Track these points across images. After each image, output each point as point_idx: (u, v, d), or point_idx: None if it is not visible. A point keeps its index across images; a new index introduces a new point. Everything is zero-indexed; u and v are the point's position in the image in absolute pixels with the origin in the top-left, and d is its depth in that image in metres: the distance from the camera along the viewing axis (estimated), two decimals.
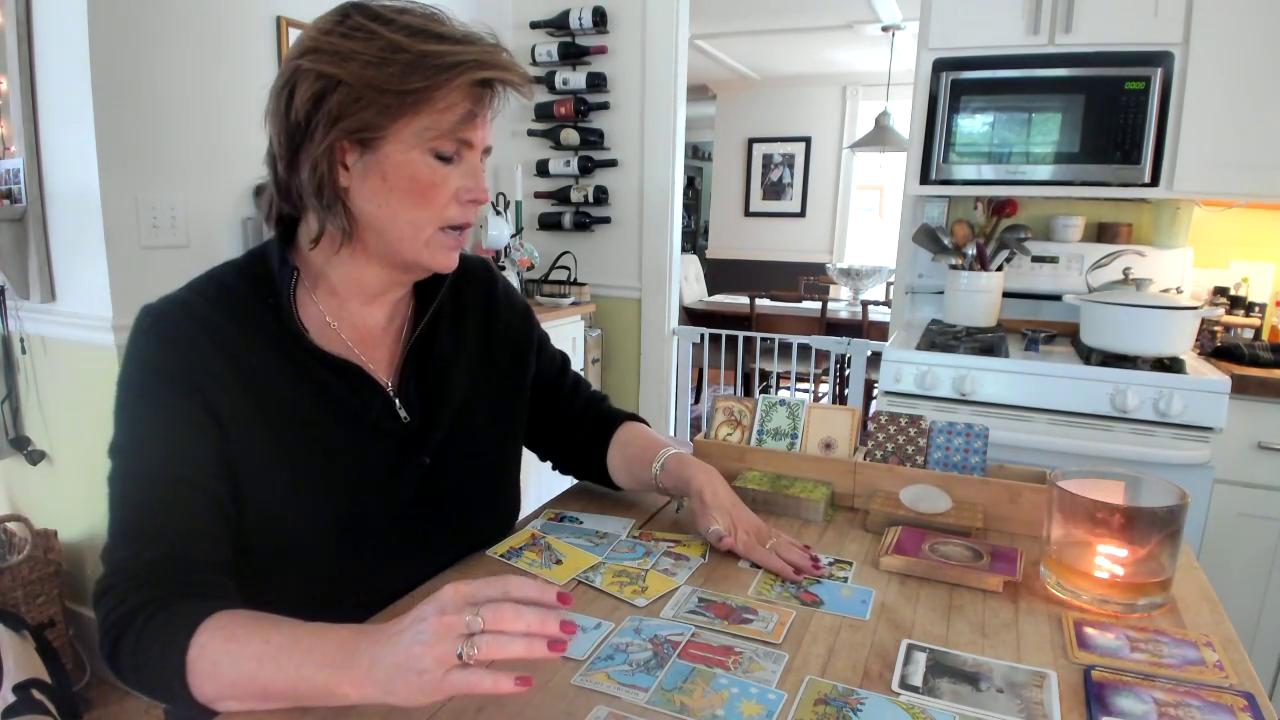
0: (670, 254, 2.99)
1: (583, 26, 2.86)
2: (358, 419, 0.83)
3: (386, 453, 0.85)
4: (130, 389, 0.75)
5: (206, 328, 0.76)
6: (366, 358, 0.86)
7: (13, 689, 1.59)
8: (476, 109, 0.77)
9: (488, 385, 0.97)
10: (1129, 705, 0.65)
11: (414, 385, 0.89)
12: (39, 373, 1.97)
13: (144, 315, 0.77)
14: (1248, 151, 1.88)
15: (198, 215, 1.91)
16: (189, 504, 0.72)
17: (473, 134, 0.78)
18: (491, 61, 0.77)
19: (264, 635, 0.62)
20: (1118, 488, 0.89)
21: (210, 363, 0.75)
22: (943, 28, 2.08)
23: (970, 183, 2.13)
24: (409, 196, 0.78)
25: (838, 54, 5.32)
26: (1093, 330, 1.91)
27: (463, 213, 0.81)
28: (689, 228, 8.38)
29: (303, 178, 0.77)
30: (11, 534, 1.91)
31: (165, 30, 1.79)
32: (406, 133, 0.75)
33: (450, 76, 0.74)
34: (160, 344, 0.75)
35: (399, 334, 0.91)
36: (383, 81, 0.73)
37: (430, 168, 0.77)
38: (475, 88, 0.77)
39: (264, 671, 0.60)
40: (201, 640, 0.63)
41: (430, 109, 0.75)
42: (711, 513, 0.93)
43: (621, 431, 1.08)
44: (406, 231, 0.79)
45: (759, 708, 0.64)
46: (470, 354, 0.96)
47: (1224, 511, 1.81)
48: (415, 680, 0.54)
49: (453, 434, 0.91)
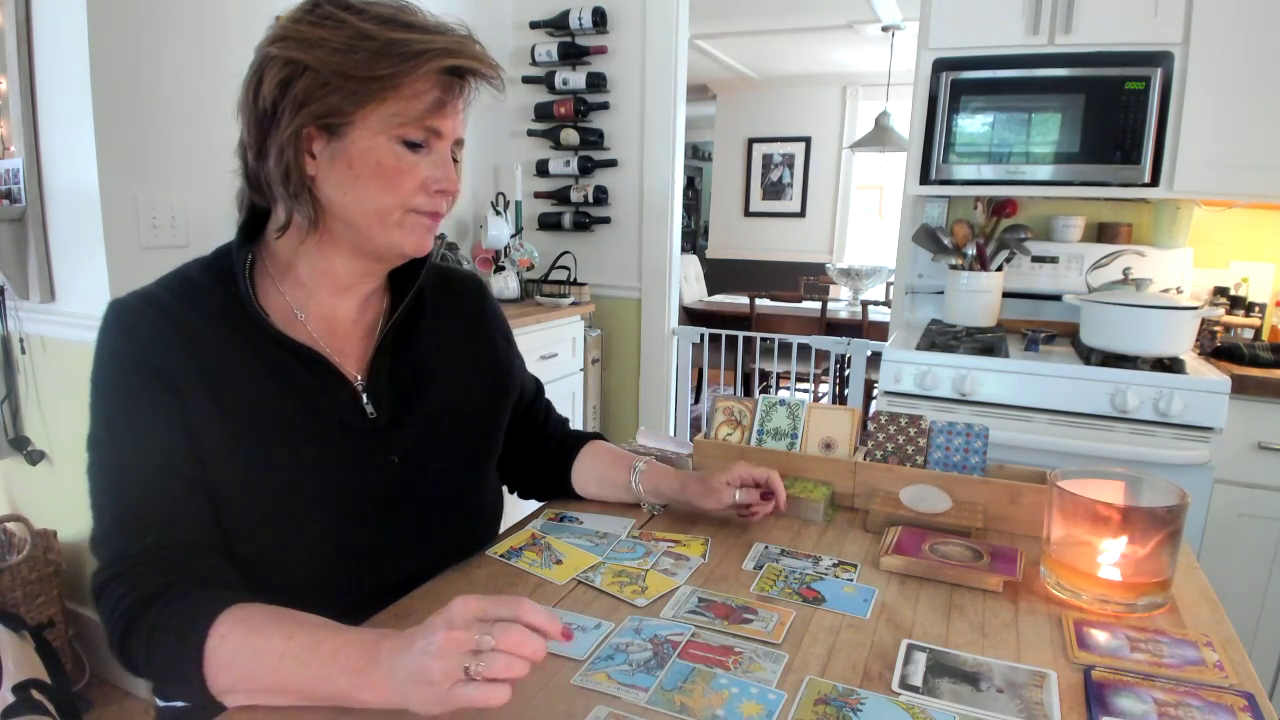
0: (670, 254, 2.99)
1: (583, 26, 2.86)
2: (324, 412, 0.82)
3: (353, 449, 0.83)
4: (100, 382, 0.75)
5: (169, 317, 0.76)
6: (335, 351, 0.85)
7: (12, 689, 1.59)
8: (446, 97, 0.77)
9: (469, 392, 0.95)
10: (1129, 705, 0.65)
11: (386, 382, 0.87)
12: (38, 373, 1.97)
13: (109, 309, 0.77)
14: (1248, 151, 1.87)
15: (198, 215, 1.90)
16: (174, 490, 0.73)
17: (442, 123, 0.78)
18: (461, 51, 0.77)
19: (287, 632, 0.63)
20: (1118, 488, 0.89)
21: (173, 350, 0.75)
22: (943, 28, 2.08)
23: (970, 183, 2.13)
24: (375, 183, 0.77)
25: (838, 54, 5.32)
26: (1093, 330, 1.91)
27: (430, 202, 0.80)
28: (689, 228, 8.38)
29: (270, 165, 0.77)
30: (11, 534, 1.91)
31: (165, 30, 1.79)
32: (373, 119, 0.75)
33: (417, 63, 0.74)
34: (124, 335, 0.76)
35: (372, 328, 0.89)
36: (349, 68, 0.73)
37: (397, 155, 0.77)
38: (445, 76, 0.77)
39: (285, 668, 0.61)
40: (221, 630, 0.63)
41: (397, 96, 0.75)
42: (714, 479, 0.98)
43: (589, 447, 1.11)
44: (373, 218, 0.79)
45: (759, 708, 0.64)
46: (453, 359, 0.95)
47: (1224, 511, 1.81)
48: (427, 691, 0.56)
49: (426, 435, 0.89)
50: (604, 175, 3.02)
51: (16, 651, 1.67)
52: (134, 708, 1.92)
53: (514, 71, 3.05)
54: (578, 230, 3.06)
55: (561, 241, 3.10)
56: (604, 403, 3.20)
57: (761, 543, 0.97)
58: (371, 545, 0.84)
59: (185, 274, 0.82)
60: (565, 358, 2.83)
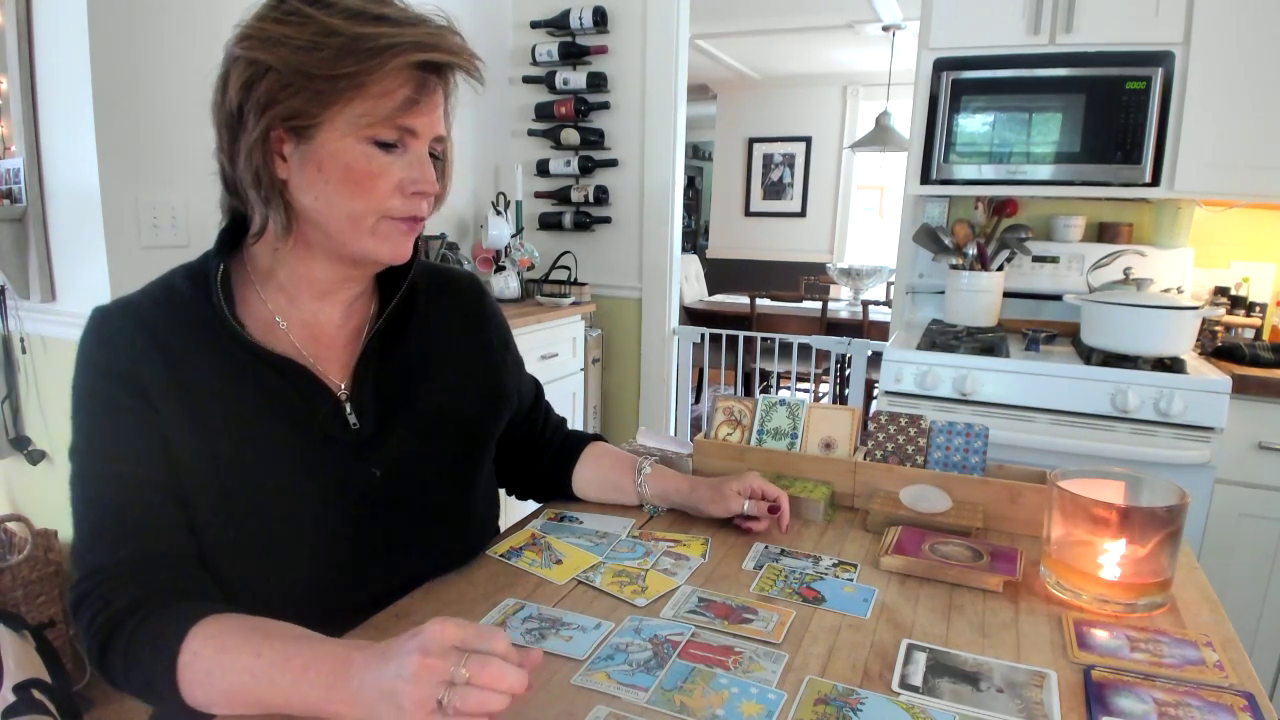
0: (670, 254, 2.99)
1: (583, 26, 2.86)
2: (303, 423, 0.78)
3: (333, 461, 0.79)
4: (78, 391, 0.74)
5: (146, 326, 0.74)
6: (318, 359, 0.82)
7: (13, 689, 1.59)
8: (419, 95, 0.73)
9: (460, 400, 0.92)
10: (1129, 705, 0.64)
11: (371, 390, 0.83)
12: (39, 372, 1.97)
13: (91, 316, 0.76)
14: (1248, 151, 1.87)
15: (198, 215, 1.90)
16: (149, 498, 0.71)
17: (416, 121, 0.74)
18: (433, 43, 0.72)
19: (255, 648, 0.61)
20: (1118, 488, 0.89)
21: (147, 362, 0.73)
22: (943, 27, 2.08)
23: (971, 182, 2.13)
24: (345, 187, 0.74)
25: (838, 54, 5.32)
26: (1093, 330, 1.91)
27: (406, 205, 0.76)
28: (689, 227, 8.38)
29: (241, 169, 0.75)
30: (11, 534, 1.91)
31: (165, 30, 1.79)
32: (341, 120, 0.72)
33: (384, 60, 0.70)
34: (100, 344, 0.74)
35: (357, 334, 0.86)
36: (312, 66, 0.69)
37: (368, 157, 0.73)
38: (418, 72, 0.73)
39: (257, 686, 0.60)
40: (193, 647, 0.62)
41: (364, 95, 0.71)
42: (726, 487, 0.99)
43: (590, 450, 1.10)
44: (346, 225, 0.76)
45: (759, 707, 0.64)
46: (444, 365, 0.91)
47: (1224, 511, 1.81)
48: (395, 714, 0.54)
49: (412, 446, 0.85)
50: (604, 175, 3.02)
51: (17, 651, 1.67)
52: (134, 707, 1.92)
53: (514, 71, 3.06)
54: (578, 230, 3.06)
55: (562, 241, 3.10)
56: (604, 402, 3.20)
57: (761, 543, 0.97)
58: (352, 559, 0.82)
59: (170, 281, 0.80)
60: (565, 358, 2.83)
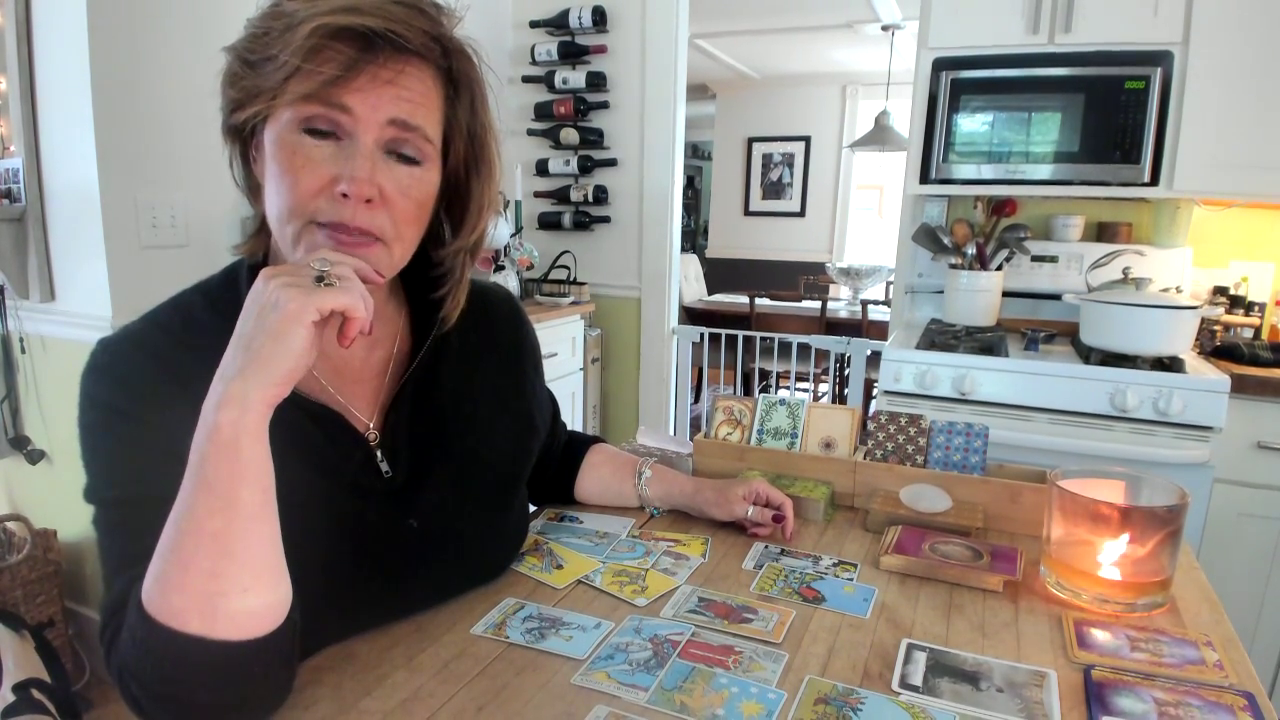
0: (670, 253, 2.99)
1: (582, 26, 2.86)
2: (334, 472, 0.72)
3: (366, 513, 0.73)
4: (86, 429, 0.67)
5: (158, 357, 0.68)
6: (347, 396, 0.75)
7: (12, 689, 1.59)
8: (347, 73, 0.62)
9: (497, 438, 0.85)
10: (1129, 705, 0.65)
11: (404, 434, 0.77)
12: (38, 372, 1.97)
13: (94, 351, 0.69)
14: (1248, 151, 1.88)
15: (197, 215, 1.90)
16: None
17: (348, 97, 0.62)
18: (350, 7, 0.62)
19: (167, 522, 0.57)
20: (1118, 487, 0.89)
21: (161, 391, 0.66)
22: (942, 27, 2.08)
23: (970, 182, 2.13)
24: (272, 181, 0.65)
25: (837, 53, 5.31)
26: (1092, 330, 1.91)
27: (332, 209, 0.63)
28: (689, 227, 8.38)
29: (235, 174, 0.72)
30: (11, 533, 1.91)
31: (165, 30, 1.79)
32: (277, 107, 0.64)
33: (299, 31, 0.61)
34: (106, 381, 0.68)
35: (383, 367, 0.79)
36: (254, 51, 0.64)
37: (294, 144, 0.63)
38: (346, 46, 0.62)
39: (179, 522, 0.56)
40: (144, 584, 0.57)
41: (298, 77, 0.62)
42: (731, 491, 0.98)
43: (591, 454, 1.09)
44: (278, 232, 0.66)
45: (759, 707, 0.64)
46: (481, 401, 0.84)
47: (1224, 511, 1.81)
48: (277, 317, 0.55)
49: (449, 493, 0.79)
50: (604, 174, 3.02)
51: (17, 651, 1.67)
52: None
53: (514, 71, 3.06)
54: (577, 229, 3.06)
55: (561, 241, 3.10)
56: (604, 402, 3.20)
57: (761, 542, 0.97)
58: (385, 611, 0.76)
59: (187, 309, 0.72)
60: (565, 357, 2.83)
